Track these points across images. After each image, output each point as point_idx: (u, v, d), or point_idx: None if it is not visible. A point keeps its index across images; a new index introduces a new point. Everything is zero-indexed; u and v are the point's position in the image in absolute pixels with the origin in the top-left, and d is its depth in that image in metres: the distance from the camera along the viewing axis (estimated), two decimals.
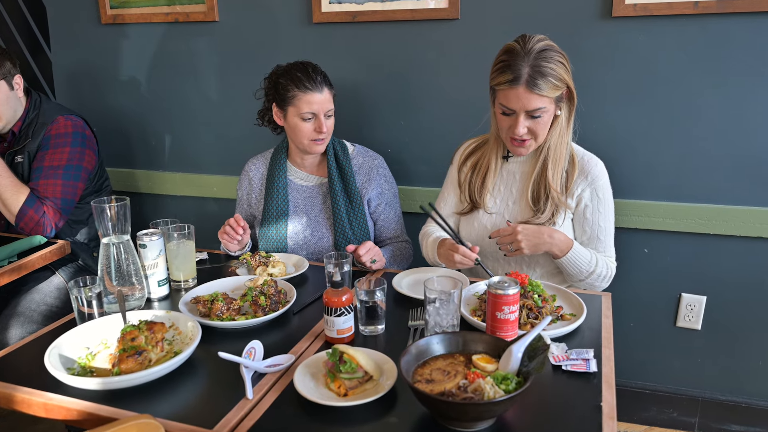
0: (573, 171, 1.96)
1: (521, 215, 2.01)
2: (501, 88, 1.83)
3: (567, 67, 1.83)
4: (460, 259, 1.84)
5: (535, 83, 1.77)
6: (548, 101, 1.81)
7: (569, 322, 1.60)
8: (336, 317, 1.51)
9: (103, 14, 2.89)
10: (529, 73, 1.77)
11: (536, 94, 1.78)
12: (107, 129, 3.08)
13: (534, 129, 1.86)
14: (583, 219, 1.98)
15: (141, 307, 1.75)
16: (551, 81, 1.78)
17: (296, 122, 2.13)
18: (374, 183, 2.26)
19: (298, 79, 2.09)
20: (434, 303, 1.46)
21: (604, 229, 1.99)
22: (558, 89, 1.81)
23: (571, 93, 1.89)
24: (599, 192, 1.97)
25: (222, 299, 1.63)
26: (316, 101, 2.10)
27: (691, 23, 2.22)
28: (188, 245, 1.88)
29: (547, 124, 1.87)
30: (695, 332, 2.55)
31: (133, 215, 3.13)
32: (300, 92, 2.09)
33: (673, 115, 2.32)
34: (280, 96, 2.13)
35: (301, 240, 2.26)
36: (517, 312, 1.41)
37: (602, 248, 2.00)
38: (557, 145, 1.93)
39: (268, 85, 2.21)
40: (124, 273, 1.69)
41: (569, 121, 1.94)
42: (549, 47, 1.81)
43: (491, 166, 2.04)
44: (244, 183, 2.38)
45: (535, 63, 1.77)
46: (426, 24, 2.50)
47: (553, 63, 1.79)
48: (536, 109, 1.81)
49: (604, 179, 1.98)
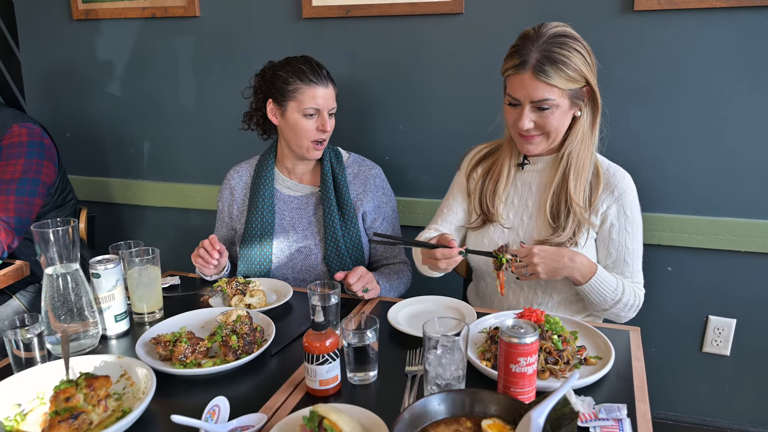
0: (597, 184, 1.73)
1: (538, 233, 1.77)
2: (508, 74, 1.65)
3: (587, 60, 1.62)
4: (442, 257, 1.56)
5: (542, 69, 1.56)
6: (558, 93, 1.60)
7: (594, 367, 1.36)
8: (318, 365, 1.27)
9: (74, 9, 2.71)
10: (537, 58, 1.57)
11: (543, 81, 1.57)
12: (80, 134, 2.91)
13: (542, 124, 1.64)
14: (608, 240, 1.74)
15: (95, 347, 1.51)
16: (563, 69, 1.57)
17: (297, 119, 1.93)
18: (370, 195, 2.03)
19: (302, 71, 1.91)
20: (435, 350, 1.22)
21: (632, 252, 1.75)
22: (572, 81, 1.59)
23: (593, 92, 1.66)
24: (627, 209, 1.73)
25: (186, 340, 1.39)
26: (320, 96, 1.92)
27: (721, 17, 2.03)
28: (152, 272, 1.64)
29: (560, 121, 1.65)
30: (723, 358, 2.37)
31: (108, 228, 3.01)
32: (303, 85, 1.90)
33: (700, 120, 2.13)
34: (279, 90, 1.93)
35: (286, 257, 2.03)
36: (535, 364, 1.17)
37: (629, 273, 1.76)
38: (579, 153, 1.70)
39: (261, 81, 2.01)
40: (72, 308, 1.45)
41: (593, 127, 1.71)
42: (565, 33, 1.61)
43: (503, 173, 1.81)
44: (225, 193, 2.15)
45: (545, 48, 1.57)
46: (427, 19, 2.31)
47: (567, 50, 1.58)
48: (543, 100, 1.59)
49: (632, 195, 1.75)
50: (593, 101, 1.68)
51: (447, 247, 1.55)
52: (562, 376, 1.33)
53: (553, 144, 1.71)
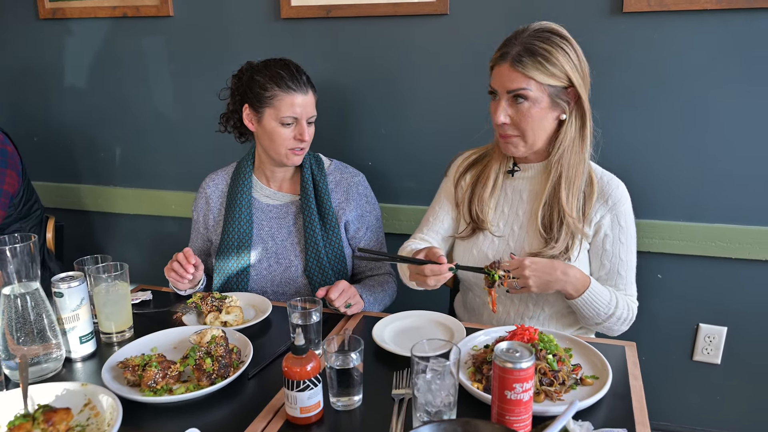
0: (591, 193, 1.66)
1: (529, 244, 1.69)
2: (491, 65, 1.63)
3: (572, 60, 1.56)
4: (431, 274, 1.48)
5: (520, 60, 1.53)
6: (535, 86, 1.54)
7: (591, 388, 1.29)
8: (299, 392, 1.18)
9: (41, 8, 2.60)
10: (518, 50, 1.54)
11: (519, 72, 1.53)
12: (48, 138, 2.82)
13: (518, 120, 1.58)
14: (601, 251, 1.68)
15: (58, 371, 1.41)
16: (541, 63, 1.52)
17: (274, 127, 1.83)
18: (353, 203, 1.95)
19: (280, 77, 1.81)
20: (424, 374, 1.14)
21: (626, 263, 1.69)
22: (551, 77, 1.54)
23: (578, 94, 1.59)
24: (621, 219, 1.67)
25: (156, 364, 1.29)
26: (299, 103, 1.82)
27: (712, 19, 1.98)
28: (121, 289, 1.54)
29: (538, 120, 1.58)
30: (714, 367, 2.32)
31: (78, 237, 2.90)
32: (281, 92, 1.80)
33: (691, 124, 2.08)
34: (256, 96, 1.83)
35: (265, 269, 1.93)
36: (531, 390, 1.09)
37: (623, 285, 1.70)
38: (570, 160, 1.63)
39: (238, 83, 1.91)
40: (32, 330, 1.35)
41: (583, 132, 1.64)
42: (552, 29, 1.57)
43: (492, 179, 1.74)
44: (200, 203, 2.05)
45: (527, 41, 1.55)
46: (410, 20, 2.24)
47: (549, 45, 1.54)
48: (518, 90, 1.54)
49: (626, 204, 1.68)
50: (579, 105, 1.61)
51: (436, 263, 1.48)
52: (557, 398, 1.25)
53: (534, 147, 1.64)
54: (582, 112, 1.61)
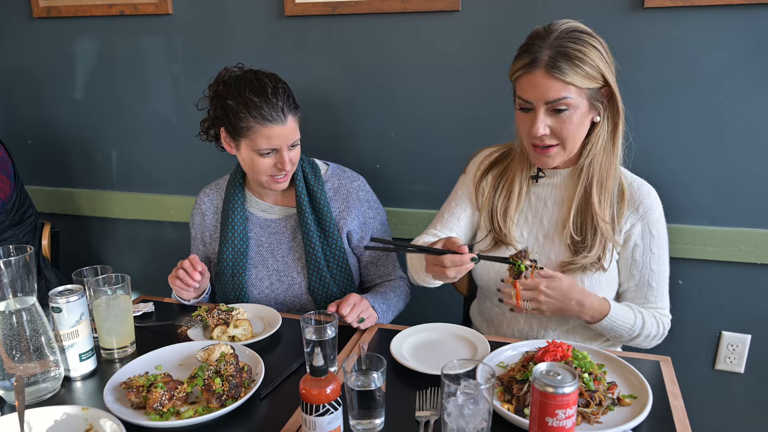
0: (622, 200, 1.57)
1: (555, 254, 1.60)
2: (518, 74, 1.48)
3: (605, 57, 1.46)
4: (451, 265, 1.34)
5: (556, 65, 1.40)
6: (575, 92, 1.43)
7: (631, 409, 1.20)
8: (318, 417, 1.09)
9: (35, 6, 2.51)
10: (549, 54, 1.41)
11: (558, 78, 1.41)
12: (43, 141, 2.73)
13: (558, 130, 1.46)
14: (631, 261, 1.59)
15: (56, 391, 1.32)
16: (579, 65, 1.41)
17: (252, 157, 1.71)
18: (354, 211, 1.84)
19: (254, 106, 1.64)
20: (455, 398, 1.05)
21: (657, 274, 1.59)
22: (590, 79, 1.43)
23: (612, 93, 1.49)
24: (653, 228, 1.58)
25: (162, 384, 1.20)
26: (276, 135, 1.67)
27: (736, 15, 1.90)
28: (123, 302, 1.45)
29: (578, 126, 1.48)
30: (737, 376, 2.25)
31: (74, 244, 2.79)
32: (256, 123, 1.65)
33: (714, 124, 2.00)
34: (231, 123, 1.69)
35: (266, 288, 1.84)
36: (574, 417, 1.00)
37: (653, 297, 1.61)
38: (602, 163, 1.54)
39: (215, 95, 1.76)
40: (29, 348, 1.25)
41: (615, 134, 1.54)
42: (578, 29, 1.46)
43: (515, 189, 1.63)
44: (196, 218, 1.95)
45: (557, 43, 1.42)
46: (420, 17, 2.15)
47: (583, 45, 1.42)
48: (559, 100, 1.42)
49: (657, 212, 1.59)
50: (613, 105, 1.51)
51: (456, 252, 1.35)
52: (595, 420, 1.17)
53: (571, 154, 1.54)
54: (615, 111, 1.51)
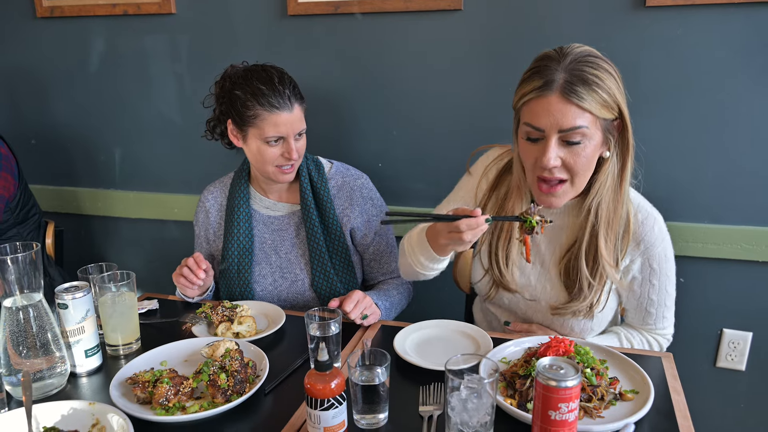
0: (626, 236, 1.49)
1: (548, 297, 1.57)
2: (527, 99, 1.35)
3: (620, 85, 1.36)
4: (467, 229, 1.29)
5: (573, 89, 1.29)
6: (591, 121, 1.32)
7: (633, 404, 1.21)
8: (323, 411, 1.10)
9: (38, 6, 2.52)
10: (565, 78, 1.31)
11: (575, 104, 1.30)
12: (46, 141, 2.74)
13: (571, 163, 1.36)
14: (628, 291, 1.56)
15: (63, 387, 1.33)
16: (597, 92, 1.30)
17: (259, 146, 1.73)
18: (358, 209, 1.86)
19: (261, 94, 1.67)
20: (458, 392, 1.06)
21: (656, 303, 1.55)
22: (606, 109, 1.33)
23: (624, 126, 1.39)
24: (653, 262, 1.51)
25: (168, 380, 1.21)
26: (283, 122, 1.69)
27: (737, 14, 1.91)
28: (128, 299, 1.46)
29: (591, 160, 1.37)
30: (739, 373, 2.25)
31: (77, 242, 2.80)
32: (264, 111, 1.67)
33: (715, 122, 2.01)
34: (238, 113, 1.71)
35: (270, 284, 1.85)
36: (577, 410, 1.01)
37: (651, 321, 1.58)
38: (609, 204, 1.45)
39: (221, 92, 1.78)
40: (35, 343, 1.26)
41: (623, 173, 1.44)
42: (593, 53, 1.36)
43: (514, 231, 1.56)
44: (200, 216, 1.96)
45: (574, 66, 1.31)
46: (422, 16, 2.16)
47: (600, 71, 1.32)
48: (574, 129, 1.31)
49: (660, 246, 1.51)
50: (624, 139, 1.40)
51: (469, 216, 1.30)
52: (597, 414, 1.18)
53: (578, 193, 1.45)
54: (625, 148, 1.41)
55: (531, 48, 2.07)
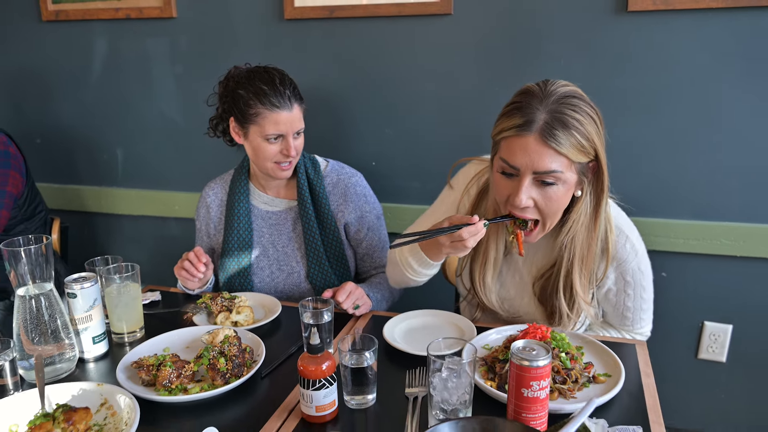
0: (605, 258, 1.54)
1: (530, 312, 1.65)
2: (505, 135, 1.36)
3: (599, 128, 1.37)
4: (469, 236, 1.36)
5: (552, 133, 1.30)
6: (566, 165, 1.34)
7: (605, 386, 1.30)
8: (314, 391, 1.18)
9: (44, 10, 2.59)
10: (546, 119, 1.31)
11: (552, 148, 1.31)
12: (51, 140, 2.81)
13: (542, 205, 1.39)
14: (605, 300, 1.62)
15: (71, 371, 1.41)
16: (575, 137, 1.32)
17: (259, 143, 1.81)
18: (351, 205, 1.94)
19: (263, 94, 1.76)
20: (440, 373, 1.14)
21: (631, 309, 1.61)
22: (583, 153, 1.34)
23: (600, 169, 1.41)
24: (627, 276, 1.56)
25: (171, 363, 1.29)
26: (283, 121, 1.78)
27: (717, 18, 1.98)
28: (132, 289, 1.54)
29: (561, 202, 1.40)
30: (719, 365, 2.32)
31: (82, 239, 2.89)
32: (265, 110, 1.76)
33: (696, 123, 2.08)
34: (240, 111, 1.80)
35: (267, 276, 1.93)
36: (548, 388, 1.10)
37: (629, 323, 1.65)
38: (583, 241, 1.49)
39: (224, 92, 1.87)
40: (46, 330, 1.35)
41: (597, 211, 1.46)
42: (578, 94, 1.37)
43: (490, 254, 1.60)
44: (201, 211, 2.05)
45: (556, 108, 1.32)
46: (414, 20, 2.24)
47: (581, 114, 1.33)
48: (548, 172, 1.33)
49: (634, 261, 1.55)
50: (598, 180, 1.43)
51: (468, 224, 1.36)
52: (571, 395, 1.26)
53: (549, 230, 1.48)
54: (600, 188, 1.43)
55: (517, 51, 2.17)
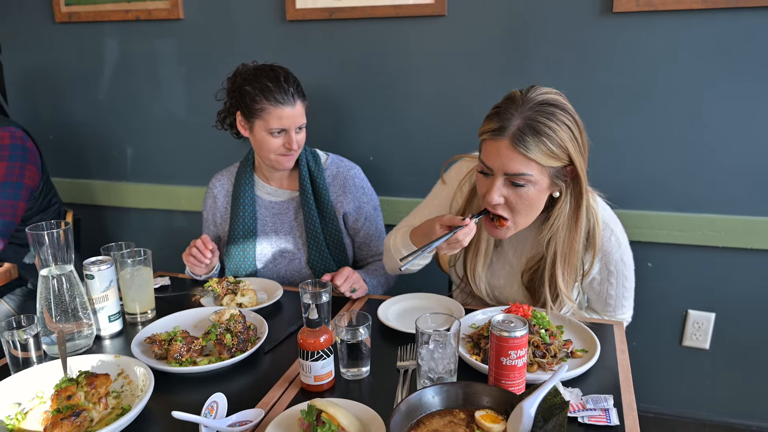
0: (591, 252, 1.62)
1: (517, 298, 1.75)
2: (484, 137, 1.47)
3: (575, 136, 1.43)
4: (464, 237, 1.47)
5: (522, 139, 1.39)
6: (537, 169, 1.42)
7: (581, 360, 1.40)
8: (313, 362, 1.29)
9: (57, 12, 2.69)
10: (518, 125, 1.40)
11: (521, 153, 1.40)
12: (63, 137, 2.90)
13: (513, 202, 1.47)
14: (589, 287, 1.74)
15: (89, 347, 1.52)
16: (545, 143, 1.39)
17: (263, 136, 1.93)
18: (350, 196, 2.05)
19: (268, 90, 1.87)
20: (427, 345, 1.25)
21: (614, 297, 1.72)
22: (554, 158, 1.42)
23: (577, 174, 1.49)
24: (610, 266, 1.66)
25: (181, 338, 1.41)
26: (286, 116, 1.89)
27: (699, 19, 2.06)
28: (145, 273, 1.66)
29: (534, 201, 1.48)
30: (703, 352, 2.41)
31: (91, 231, 2.99)
32: (270, 105, 1.87)
33: (679, 119, 2.17)
34: (247, 106, 1.92)
35: (270, 262, 2.05)
36: (525, 357, 1.20)
37: (611, 310, 1.76)
38: (564, 240, 1.57)
39: (232, 87, 1.98)
40: (67, 309, 1.46)
41: (577, 213, 1.54)
42: (555, 102, 1.43)
43: (482, 245, 1.71)
44: (208, 201, 2.16)
45: (529, 115, 1.40)
46: (410, 21, 2.33)
47: (554, 122, 1.40)
48: (518, 174, 1.42)
49: (617, 253, 1.65)
50: (576, 182, 1.51)
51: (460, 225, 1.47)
52: (549, 368, 1.36)
53: (522, 228, 1.56)
54: (579, 190, 1.51)
55: (508, 51, 2.26)
